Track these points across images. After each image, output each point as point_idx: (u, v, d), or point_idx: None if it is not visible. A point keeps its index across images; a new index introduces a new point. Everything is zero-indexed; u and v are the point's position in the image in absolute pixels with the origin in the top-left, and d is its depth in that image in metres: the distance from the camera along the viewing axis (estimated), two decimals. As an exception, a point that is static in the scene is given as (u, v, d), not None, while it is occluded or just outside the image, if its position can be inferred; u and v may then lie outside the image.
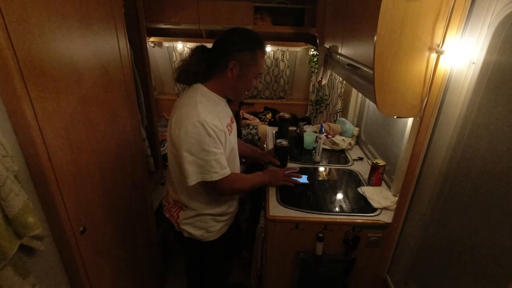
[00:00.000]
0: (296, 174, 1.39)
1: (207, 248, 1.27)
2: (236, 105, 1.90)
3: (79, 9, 0.97)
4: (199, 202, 1.19)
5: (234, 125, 1.31)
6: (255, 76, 1.13)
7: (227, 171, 1.10)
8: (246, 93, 1.24)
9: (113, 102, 1.24)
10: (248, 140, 2.61)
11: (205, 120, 1.01)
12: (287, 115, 2.01)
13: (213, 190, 1.15)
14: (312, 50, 2.97)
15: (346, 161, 1.74)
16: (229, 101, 1.26)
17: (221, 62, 1.08)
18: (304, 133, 1.85)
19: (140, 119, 1.59)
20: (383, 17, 0.87)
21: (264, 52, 1.13)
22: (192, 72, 1.14)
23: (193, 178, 1.06)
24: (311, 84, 3.09)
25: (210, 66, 1.13)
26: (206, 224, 1.23)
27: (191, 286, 1.49)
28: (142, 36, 1.74)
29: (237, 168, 1.31)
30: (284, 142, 1.56)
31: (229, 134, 1.17)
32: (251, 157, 1.70)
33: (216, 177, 1.07)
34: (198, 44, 1.18)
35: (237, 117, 1.97)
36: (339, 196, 1.41)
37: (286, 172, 1.40)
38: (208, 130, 1.02)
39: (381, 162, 1.41)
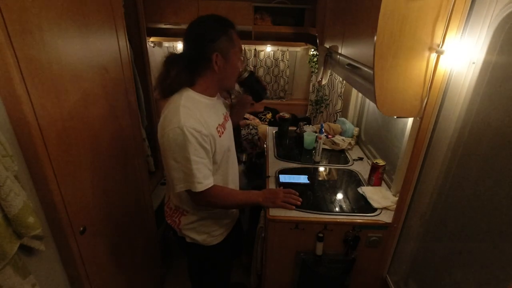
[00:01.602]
0: (296, 197, 1.25)
1: (210, 252, 1.25)
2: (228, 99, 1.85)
3: (79, 9, 0.97)
4: (195, 207, 1.17)
5: (229, 124, 1.26)
6: (238, 56, 1.08)
7: (209, 183, 1.05)
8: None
9: (113, 102, 1.24)
10: (248, 140, 2.61)
11: (184, 125, 0.96)
12: (287, 115, 2.01)
13: (192, 198, 1.10)
14: (312, 50, 2.97)
15: (346, 161, 1.74)
16: None
17: (203, 60, 1.03)
18: (304, 133, 1.85)
19: (140, 119, 1.59)
20: (383, 17, 0.87)
21: (235, 29, 1.06)
22: (177, 84, 1.07)
23: (179, 186, 1.03)
24: (311, 84, 3.09)
25: (192, 69, 1.06)
26: (209, 228, 1.21)
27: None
28: (142, 36, 1.74)
29: (234, 168, 1.29)
30: (246, 74, 1.25)
31: (220, 136, 1.10)
32: (238, 118, 1.50)
33: (199, 188, 1.02)
34: (167, 54, 1.10)
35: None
36: (339, 196, 1.41)
37: (287, 194, 1.25)
38: (188, 136, 0.96)
39: (381, 162, 1.41)
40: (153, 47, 3.12)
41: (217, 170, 1.14)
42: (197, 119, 1.00)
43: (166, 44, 3.13)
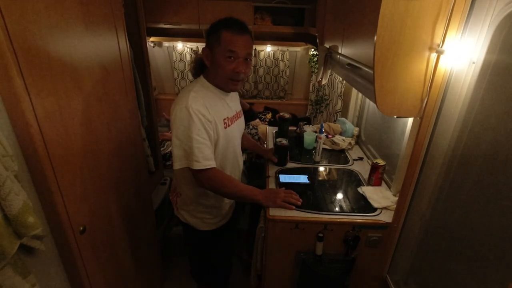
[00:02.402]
0: (296, 197, 1.27)
1: (201, 236, 1.32)
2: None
3: (79, 9, 0.97)
4: (188, 190, 1.24)
5: (240, 121, 1.32)
6: (225, 56, 1.08)
7: (209, 164, 1.09)
8: (244, 90, 1.26)
9: (113, 102, 1.24)
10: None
11: (191, 106, 1.05)
12: (287, 115, 2.01)
13: (194, 178, 1.15)
14: (312, 50, 2.97)
15: (346, 161, 1.74)
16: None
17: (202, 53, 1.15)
18: (304, 133, 1.85)
19: (140, 119, 1.59)
20: (383, 17, 0.87)
21: (231, 31, 1.07)
22: (196, 68, 1.23)
23: (178, 163, 1.09)
24: (311, 84, 3.09)
25: (202, 59, 1.18)
26: (201, 214, 1.27)
27: (192, 269, 1.52)
28: (142, 36, 1.74)
29: (236, 164, 1.31)
30: (284, 141, 1.57)
31: (225, 128, 1.18)
32: (253, 151, 1.74)
33: (196, 166, 1.07)
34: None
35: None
36: (339, 196, 1.41)
37: (287, 194, 1.27)
38: (192, 116, 1.04)
39: (381, 162, 1.41)
40: (153, 47, 3.12)
41: (216, 162, 1.16)
42: (203, 105, 1.09)
43: (166, 44, 3.12)
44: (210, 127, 1.10)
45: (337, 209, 1.30)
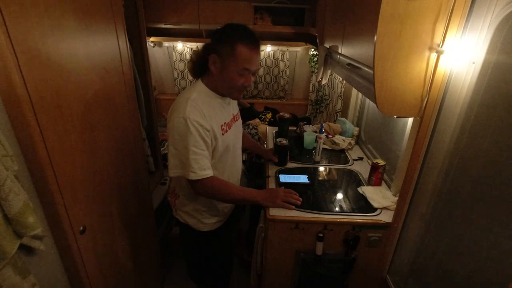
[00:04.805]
0: (296, 197, 1.27)
1: (200, 237, 1.31)
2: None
3: (79, 9, 0.97)
4: (186, 192, 1.23)
5: (238, 123, 1.31)
6: (238, 72, 1.05)
7: (206, 173, 1.08)
8: (245, 91, 1.24)
9: (113, 102, 1.24)
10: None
11: (188, 117, 1.02)
12: (287, 115, 2.01)
13: (187, 184, 1.16)
14: (312, 50, 2.97)
15: (346, 161, 1.74)
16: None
17: (207, 56, 1.08)
18: (304, 133, 1.85)
19: (140, 119, 1.59)
20: (383, 17, 0.87)
21: (249, 46, 1.03)
22: (195, 70, 1.18)
23: (173, 171, 1.10)
24: (311, 84, 3.09)
25: (203, 61, 1.12)
26: (200, 215, 1.27)
27: (191, 271, 1.51)
28: (142, 36, 1.74)
29: (234, 168, 1.31)
30: (284, 141, 1.57)
31: (223, 134, 1.16)
32: (253, 151, 1.73)
33: (192, 176, 1.07)
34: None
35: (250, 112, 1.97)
36: (339, 196, 1.41)
37: (287, 194, 1.27)
38: (190, 128, 1.02)
39: (381, 162, 1.41)
40: (153, 47, 3.12)
41: (214, 166, 1.16)
42: (202, 113, 1.07)
43: (166, 44, 3.12)
44: (208, 136, 1.08)
45: (337, 209, 1.30)
